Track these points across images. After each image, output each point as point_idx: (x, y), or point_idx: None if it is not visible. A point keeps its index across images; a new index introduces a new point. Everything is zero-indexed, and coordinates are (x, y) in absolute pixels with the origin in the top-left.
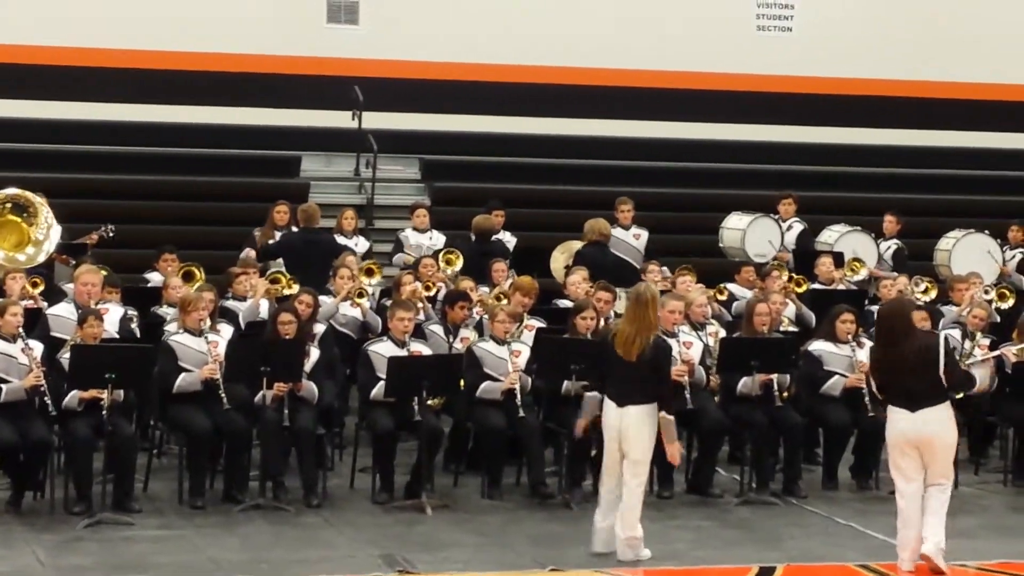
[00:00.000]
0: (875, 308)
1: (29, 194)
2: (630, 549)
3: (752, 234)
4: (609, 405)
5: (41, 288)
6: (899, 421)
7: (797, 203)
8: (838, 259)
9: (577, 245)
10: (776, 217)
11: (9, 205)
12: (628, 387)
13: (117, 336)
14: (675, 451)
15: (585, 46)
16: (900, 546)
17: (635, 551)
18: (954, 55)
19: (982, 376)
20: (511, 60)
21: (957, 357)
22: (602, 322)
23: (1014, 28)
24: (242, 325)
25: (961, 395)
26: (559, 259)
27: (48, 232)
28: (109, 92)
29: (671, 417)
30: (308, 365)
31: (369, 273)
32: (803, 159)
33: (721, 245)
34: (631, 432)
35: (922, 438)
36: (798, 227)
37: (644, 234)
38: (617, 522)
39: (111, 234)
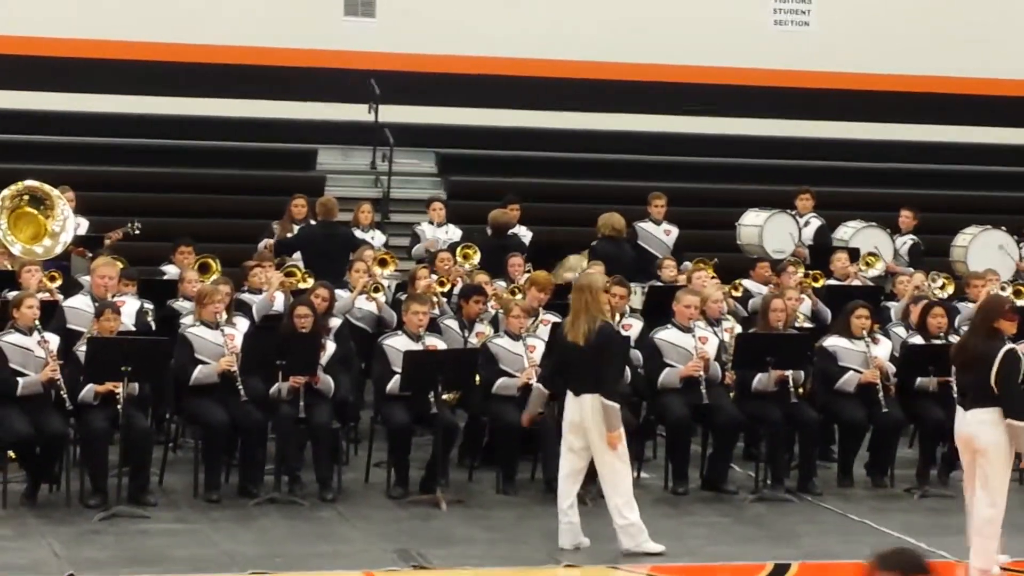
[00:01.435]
0: (891, 304)
1: (46, 187)
2: (629, 537)
3: (770, 230)
4: (568, 397)
5: (59, 282)
6: (956, 419)
7: (814, 198)
8: (853, 255)
9: (574, 260)
10: (793, 212)
11: (27, 197)
12: (581, 376)
13: (133, 329)
14: (614, 439)
15: (602, 41)
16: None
17: (635, 539)
18: (972, 50)
19: None
20: (528, 54)
21: None
22: (617, 317)
23: None
24: (256, 318)
25: None
26: (561, 276)
27: (64, 224)
28: (126, 84)
29: (614, 404)
30: (324, 359)
31: (382, 264)
32: (820, 154)
33: (739, 242)
34: (590, 421)
35: (964, 438)
36: (815, 223)
37: (675, 231)
38: (611, 510)
39: (138, 231)
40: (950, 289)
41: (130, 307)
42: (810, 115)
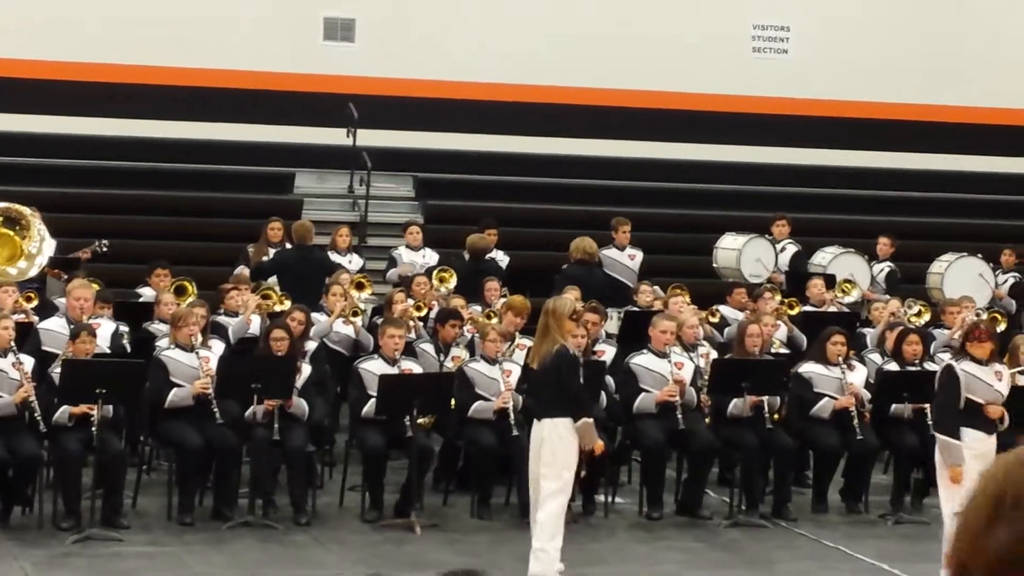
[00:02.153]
0: (867, 331)
1: (20, 207)
2: (538, 562)
3: (747, 254)
4: (534, 421)
5: (35, 303)
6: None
7: (791, 225)
8: (830, 281)
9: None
10: (770, 238)
11: (1, 219)
12: (541, 400)
13: (108, 351)
14: (599, 447)
15: (580, 66)
16: None
17: (543, 565)
18: (949, 78)
19: None
20: (506, 79)
21: None
22: (588, 342)
23: (1009, 53)
24: (231, 340)
25: None
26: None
27: (41, 246)
28: (103, 107)
29: (587, 420)
30: (299, 382)
31: (359, 287)
32: (798, 181)
33: (715, 265)
34: (545, 444)
35: None
36: (792, 248)
37: (639, 255)
38: (534, 531)
39: (105, 249)
40: (926, 316)
41: (105, 329)
42: (788, 142)
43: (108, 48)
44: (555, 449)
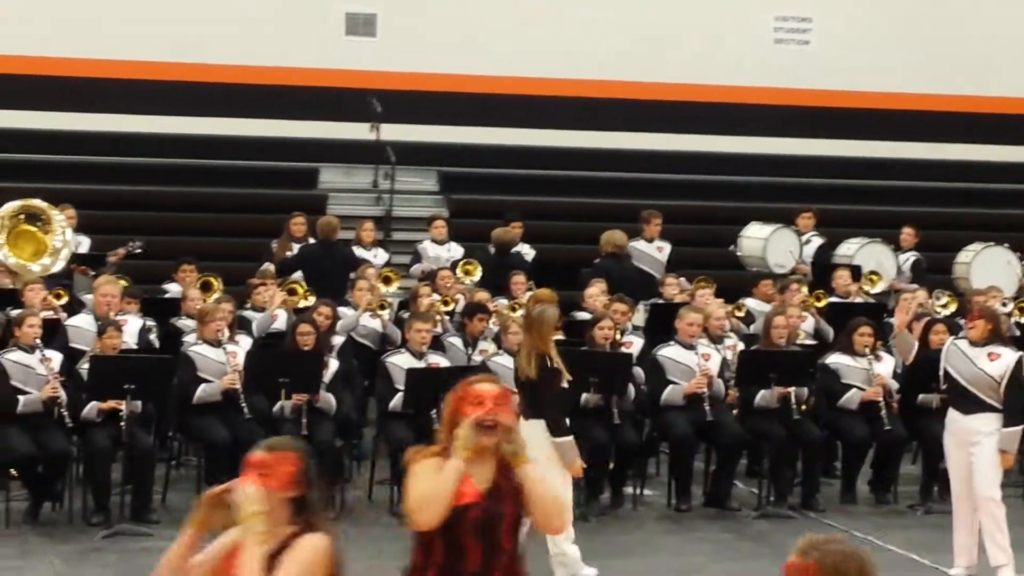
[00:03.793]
0: (893, 320)
1: (39, 202)
2: (563, 567)
3: (773, 244)
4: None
5: (65, 300)
6: None
7: (816, 217)
8: (855, 272)
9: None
10: (795, 229)
11: (23, 216)
12: (527, 403)
13: (136, 347)
14: (576, 469)
15: (604, 59)
16: None
17: (568, 569)
18: (972, 68)
19: None
20: (529, 73)
21: None
22: (619, 335)
23: None
24: (255, 335)
25: None
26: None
27: (65, 239)
28: (129, 104)
29: (563, 440)
30: (326, 376)
31: (386, 281)
32: (821, 172)
33: (739, 254)
34: (534, 445)
35: None
36: (816, 240)
37: (667, 247)
38: (548, 539)
39: (139, 250)
40: (953, 307)
41: (132, 325)
42: (811, 133)
43: (134, 45)
44: (543, 450)
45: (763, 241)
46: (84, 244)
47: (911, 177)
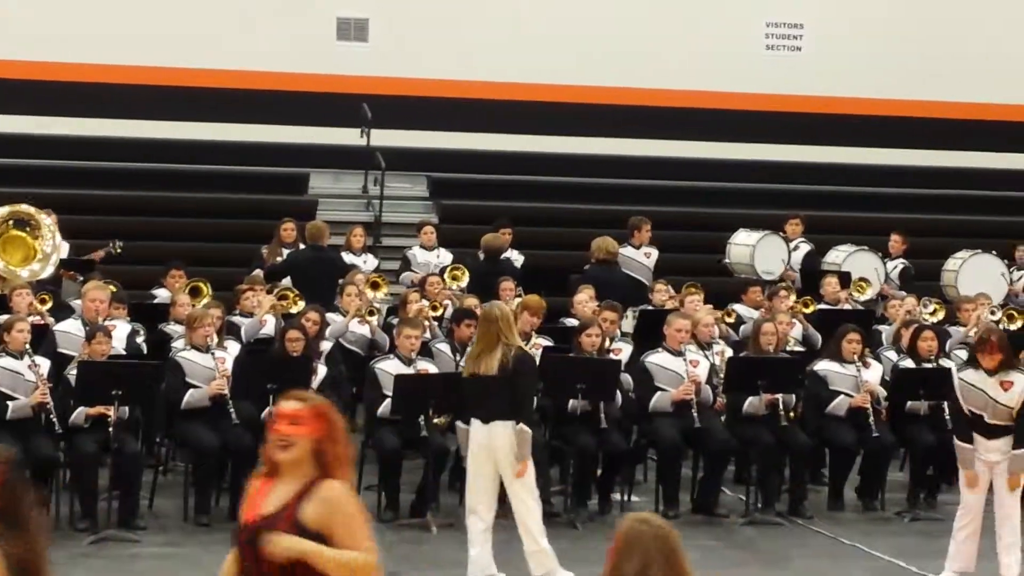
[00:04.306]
0: (882, 328)
1: (27, 207)
2: (540, 565)
3: (761, 251)
4: (475, 425)
5: (49, 305)
6: None
7: (804, 223)
8: (844, 279)
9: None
10: (783, 236)
11: (10, 222)
12: (492, 403)
13: (124, 353)
14: (524, 468)
15: (594, 64)
16: None
17: (544, 567)
18: (962, 75)
19: None
20: (520, 79)
21: None
22: (607, 341)
23: (1022, 49)
24: (244, 341)
25: None
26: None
27: (54, 244)
28: (116, 108)
29: (528, 430)
30: (315, 382)
31: (374, 287)
32: (811, 178)
33: (727, 261)
34: (499, 448)
35: None
36: (804, 247)
37: (654, 253)
38: (523, 536)
39: (119, 250)
40: (941, 314)
41: (121, 331)
42: (801, 140)
43: (121, 49)
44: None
45: (751, 248)
46: (63, 249)
47: (900, 184)
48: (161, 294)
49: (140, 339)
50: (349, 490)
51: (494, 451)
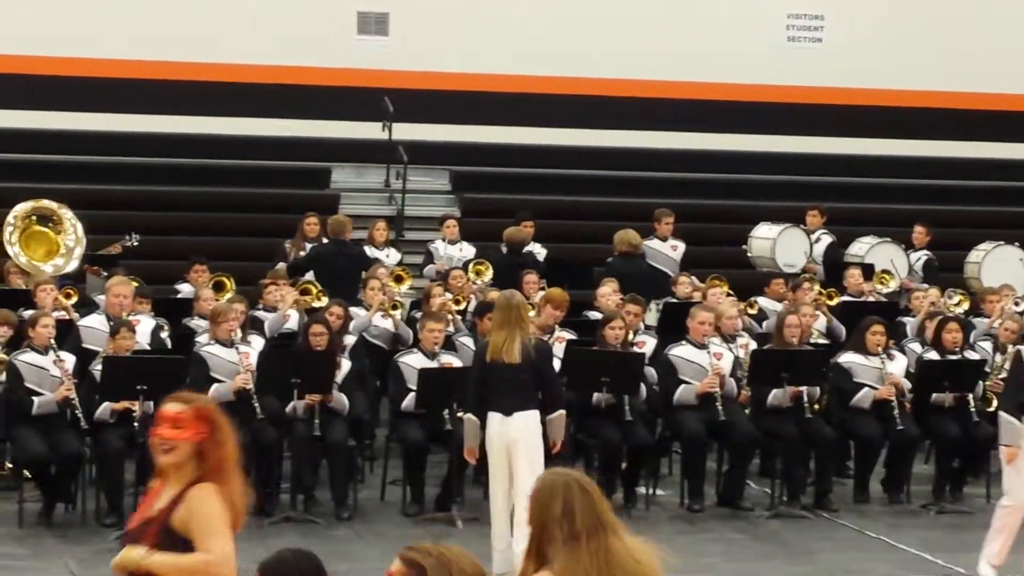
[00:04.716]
0: (906, 320)
1: (48, 203)
2: (503, 563)
3: (782, 244)
4: (493, 417)
5: (74, 300)
6: None
7: (824, 215)
8: (867, 271)
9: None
10: (804, 228)
11: (33, 217)
12: (513, 394)
13: (148, 348)
14: (560, 448)
15: (615, 57)
16: None
17: (503, 568)
18: (984, 65)
19: None
20: (541, 71)
21: (988, 370)
22: (631, 334)
23: None
24: (268, 335)
25: None
26: None
27: (78, 236)
28: (139, 104)
29: (563, 413)
30: (339, 377)
31: (398, 280)
32: (834, 170)
33: (749, 254)
34: (521, 439)
35: None
36: (826, 239)
37: (681, 246)
38: (516, 533)
39: (136, 243)
40: (965, 305)
41: (145, 326)
42: (823, 131)
43: (145, 45)
44: (534, 443)
45: (771, 241)
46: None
47: (923, 175)
48: (184, 289)
49: (164, 334)
50: (216, 494)
51: (514, 442)
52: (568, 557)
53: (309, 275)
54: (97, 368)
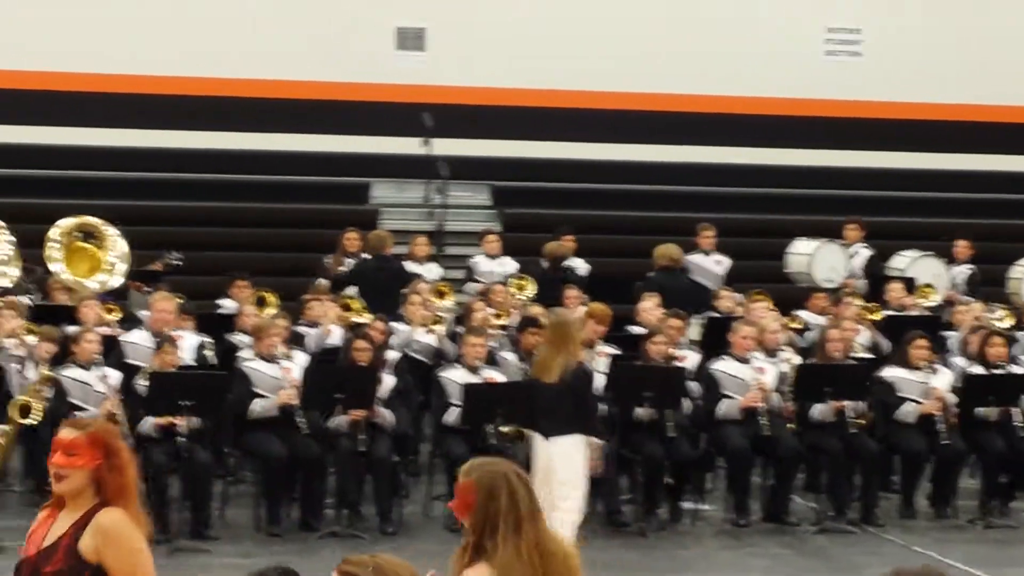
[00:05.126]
0: (950, 334)
1: (92, 219)
2: None
3: (819, 259)
4: (537, 440)
5: (116, 315)
6: None
7: (863, 228)
8: (909, 284)
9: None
10: (842, 243)
11: (77, 234)
12: (553, 417)
13: (193, 363)
14: (596, 467)
15: (655, 71)
16: None
17: None
18: None
19: None
20: (580, 86)
21: None
22: (672, 349)
23: None
24: (311, 351)
25: None
26: None
27: (121, 253)
28: (181, 120)
29: (600, 442)
30: (382, 392)
31: (440, 295)
32: (874, 183)
33: (787, 271)
34: (557, 461)
35: None
36: (865, 253)
37: (726, 261)
38: None
39: (179, 262)
40: (1010, 321)
41: (189, 341)
42: (862, 145)
43: (184, 61)
44: (571, 467)
45: (808, 257)
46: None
47: (964, 188)
48: (227, 304)
49: (207, 350)
50: (127, 518)
51: (552, 464)
52: (509, 548)
53: (350, 290)
54: (141, 384)
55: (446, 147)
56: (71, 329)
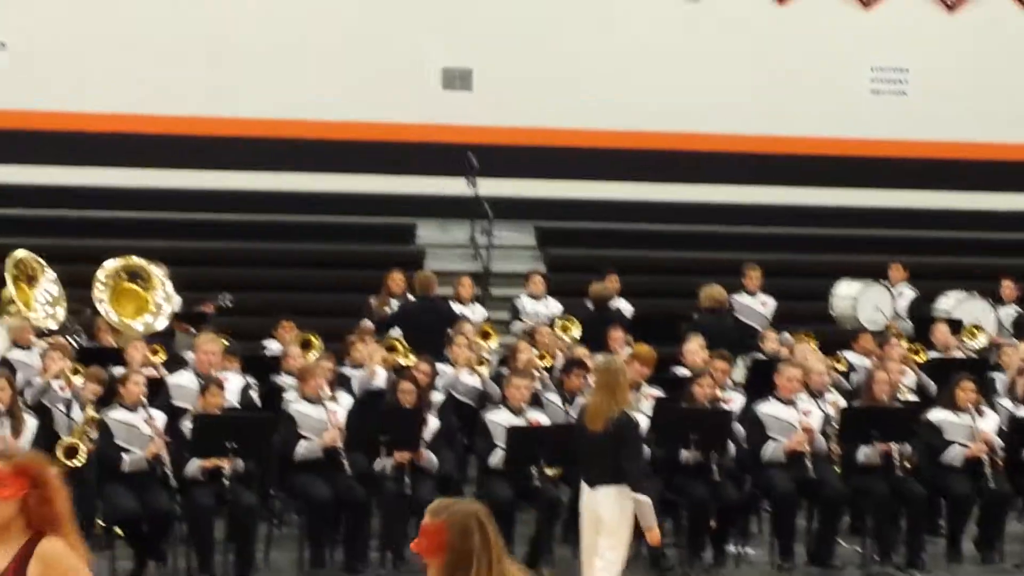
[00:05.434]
0: (996, 375)
1: (139, 260)
2: None
3: (863, 301)
4: (583, 489)
5: (162, 357)
6: None
7: (907, 269)
8: (955, 326)
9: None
10: (886, 284)
11: (123, 275)
12: (597, 466)
13: (238, 405)
14: (654, 537)
15: (700, 112)
16: None
17: None
18: None
19: None
20: (626, 126)
21: None
22: (718, 391)
23: None
24: (357, 393)
25: None
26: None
27: (168, 295)
28: (228, 160)
29: (645, 498)
30: (427, 434)
31: (485, 336)
32: (918, 223)
33: (831, 313)
34: (603, 511)
35: None
36: (909, 294)
37: (771, 302)
38: None
39: (230, 304)
40: None
41: (234, 383)
42: (909, 184)
43: (229, 100)
44: (617, 521)
45: (852, 300)
46: (176, 302)
47: (1010, 228)
48: (272, 346)
49: (253, 392)
50: (68, 547)
51: (598, 513)
52: None
53: (395, 332)
54: (186, 425)
55: (491, 187)
56: (117, 370)
